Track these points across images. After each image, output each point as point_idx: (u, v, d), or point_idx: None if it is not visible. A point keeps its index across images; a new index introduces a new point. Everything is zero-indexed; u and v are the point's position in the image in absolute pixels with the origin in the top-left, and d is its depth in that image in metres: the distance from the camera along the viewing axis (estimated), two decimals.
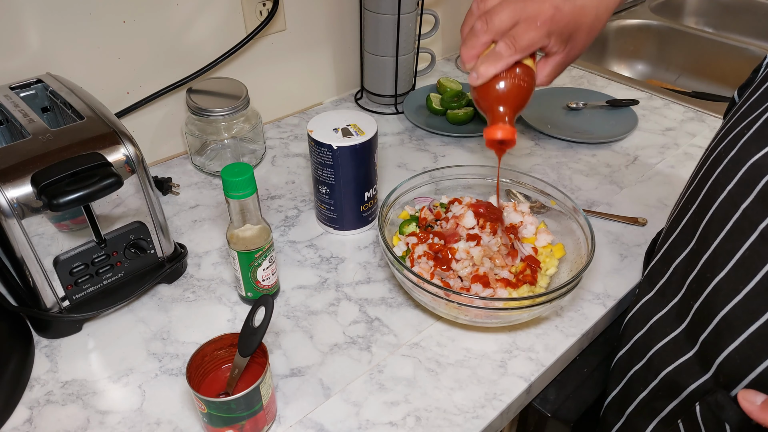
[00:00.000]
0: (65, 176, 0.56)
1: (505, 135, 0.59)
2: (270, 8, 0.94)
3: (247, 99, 0.87)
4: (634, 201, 0.87)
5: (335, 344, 0.65)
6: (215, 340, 0.55)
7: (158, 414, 0.58)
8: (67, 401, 0.59)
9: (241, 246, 0.64)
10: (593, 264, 0.74)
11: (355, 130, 0.73)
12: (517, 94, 0.59)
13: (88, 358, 0.64)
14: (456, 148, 0.99)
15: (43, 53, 0.77)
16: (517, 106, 0.60)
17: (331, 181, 0.74)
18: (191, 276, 0.74)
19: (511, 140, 0.60)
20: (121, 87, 0.86)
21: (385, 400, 0.60)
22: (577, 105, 1.07)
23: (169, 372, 0.62)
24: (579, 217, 0.71)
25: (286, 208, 0.85)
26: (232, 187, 0.60)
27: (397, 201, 0.75)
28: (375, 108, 1.10)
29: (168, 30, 0.86)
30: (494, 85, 0.59)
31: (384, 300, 0.71)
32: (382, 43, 1.02)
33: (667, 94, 1.14)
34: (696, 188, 0.57)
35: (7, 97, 0.67)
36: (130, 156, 0.62)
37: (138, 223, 0.66)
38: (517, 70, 0.59)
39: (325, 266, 0.75)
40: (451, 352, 0.65)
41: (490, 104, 0.60)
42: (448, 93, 1.05)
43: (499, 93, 0.59)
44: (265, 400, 0.54)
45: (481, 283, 0.65)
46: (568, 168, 0.94)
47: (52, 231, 0.60)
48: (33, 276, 0.61)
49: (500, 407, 0.59)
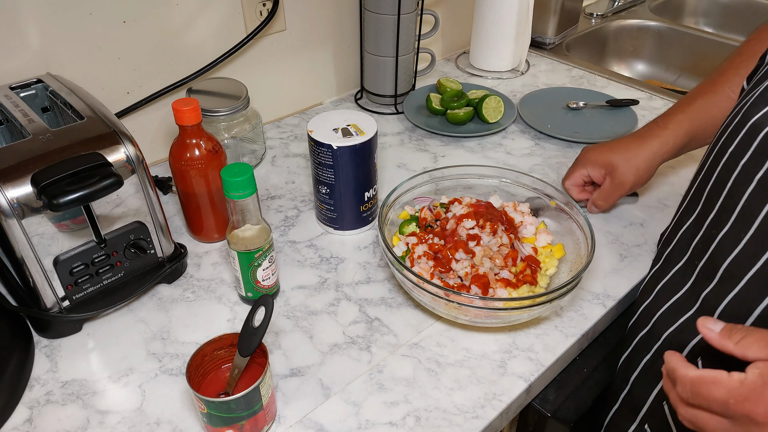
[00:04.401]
0: (65, 176, 0.56)
1: None
2: (270, 8, 0.94)
3: (247, 99, 0.87)
4: (634, 201, 0.86)
5: (335, 344, 0.65)
6: (215, 340, 0.55)
7: (158, 414, 0.58)
8: (67, 401, 0.59)
9: (241, 246, 0.64)
10: (593, 264, 0.74)
11: (355, 130, 0.73)
12: None
13: (88, 358, 0.64)
14: (456, 148, 0.99)
15: (43, 53, 0.77)
16: None
17: (331, 181, 0.74)
18: (191, 276, 0.74)
19: None
20: (121, 87, 0.86)
21: (384, 400, 0.60)
22: (577, 105, 1.07)
23: (169, 372, 0.62)
24: (579, 218, 0.71)
25: (286, 208, 0.85)
26: (232, 187, 0.60)
27: (397, 201, 0.75)
28: (375, 108, 1.10)
29: (168, 30, 0.86)
30: None
31: (384, 300, 0.71)
32: (382, 43, 1.02)
33: (667, 94, 1.14)
34: (703, 162, 0.61)
35: (7, 97, 0.67)
36: (130, 156, 0.62)
37: (138, 223, 0.66)
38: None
39: (325, 266, 0.75)
40: (451, 352, 0.65)
41: None
42: (448, 93, 1.05)
43: None
44: (265, 400, 0.54)
45: (481, 284, 0.65)
46: (568, 168, 0.93)
47: (52, 231, 0.60)
48: (33, 276, 0.61)
49: (500, 407, 0.59)
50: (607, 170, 0.78)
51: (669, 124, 0.76)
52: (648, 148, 0.76)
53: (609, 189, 0.79)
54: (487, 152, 0.97)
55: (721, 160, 0.56)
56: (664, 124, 0.76)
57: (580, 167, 0.81)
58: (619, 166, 0.77)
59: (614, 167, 0.77)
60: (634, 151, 0.77)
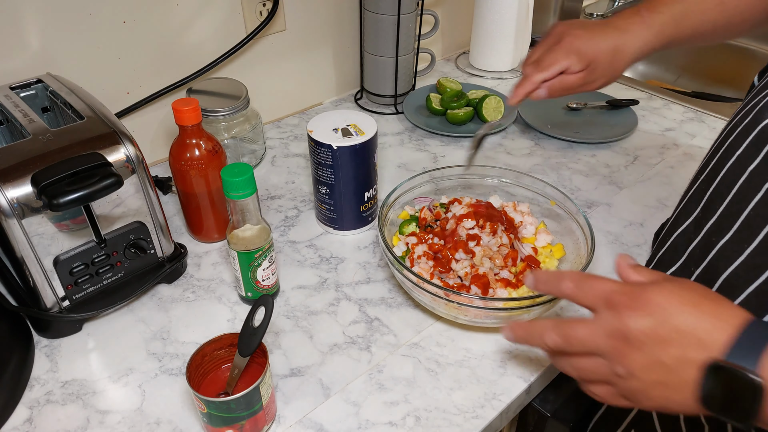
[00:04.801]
0: (65, 176, 0.56)
1: None
2: (270, 8, 0.94)
3: (247, 99, 0.87)
4: (634, 201, 0.87)
5: (335, 344, 0.65)
6: (215, 340, 0.55)
7: (158, 414, 0.58)
8: (67, 401, 0.59)
9: (241, 246, 0.64)
10: (593, 264, 0.74)
11: (355, 130, 0.73)
12: None
13: (88, 358, 0.64)
14: (456, 148, 0.99)
15: (43, 53, 0.77)
16: None
17: (331, 181, 0.74)
18: (191, 276, 0.74)
19: None
20: (121, 87, 0.86)
21: (384, 400, 0.60)
22: (577, 105, 1.07)
23: (169, 372, 0.62)
24: (579, 218, 0.71)
25: (286, 208, 0.85)
26: (232, 187, 0.60)
27: (397, 201, 0.75)
28: (375, 108, 1.10)
29: (168, 30, 0.86)
30: None
31: (384, 300, 0.71)
32: (382, 43, 1.02)
33: (667, 94, 1.14)
34: (706, 162, 0.57)
35: (7, 97, 0.67)
36: (130, 156, 0.62)
37: (138, 223, 0.66)
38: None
39: (324, 266, 0.75)
40: (451, 352, 0.65)
41: None
42: (448, 93, 1.05)
43: None
44: (264, 400, 0.54)
45: (481, 284, 0.65)
46: (567, 168, 0.94)
47: (52, 231, 0.60)
48: (33, 276, 0.61)
49: (500, 407, 0.59)
50: (590, 65, 0.69)
51: (654, 20, 0.68)
52: (631, 47, 0.68)
53: (578, 84, 0.71)
54: (487, 152, 0.97)
55: (727, 163, 0.52)
56: (650, 19, 0.69)
57: (564, 56, 0.70)
58: (602, 64, 0.69)
59: (597, 64, 0.69)
60: (618, 50, 0.69)
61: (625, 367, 0.44)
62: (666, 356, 0.42)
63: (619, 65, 0.69)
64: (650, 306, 0.43)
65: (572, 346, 0.47)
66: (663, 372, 0.42)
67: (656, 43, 0.69)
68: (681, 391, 0.42)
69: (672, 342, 0.42)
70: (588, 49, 0.69)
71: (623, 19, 0.70)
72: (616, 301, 0.44)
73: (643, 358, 0.43)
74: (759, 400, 0.38)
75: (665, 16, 0.68)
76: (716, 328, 0.41)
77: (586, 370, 0.48)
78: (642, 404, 0.45)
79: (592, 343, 0.46)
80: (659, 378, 0.43)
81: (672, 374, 0.42)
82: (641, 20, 0.69)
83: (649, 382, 0.43)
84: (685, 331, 0.41)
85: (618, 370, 0.44)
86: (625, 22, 0.69)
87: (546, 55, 0.71)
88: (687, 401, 0.42)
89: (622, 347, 0.44)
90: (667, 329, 0.42)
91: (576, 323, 0.47)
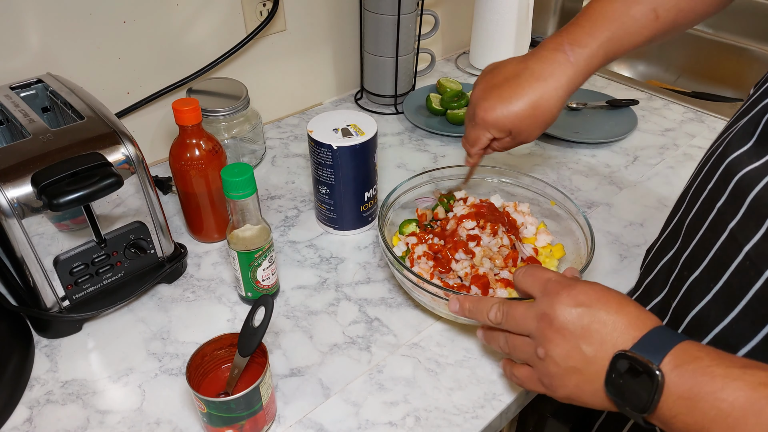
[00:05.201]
0: (65, 176, 0.56)
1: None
2: (270, 8, 0.94)
3: (247, 99, 0.87)
4: (634, 201, 0.87)
5: (335, 344, 0.65)
6: (215, 340, 0.55)
7: (158, 414, 0.58)
8: (67, 401, 0.59)
9: (241, 246, 0.64)
10: (593, 264, 0.74)
11: (355, 130, 0.73)
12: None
13: (88, 358, 0.64)
14: (456, 148, 0.99)
15: (43, 53, 0.77)
16: None
17: (331, 181, 0.74)
18: (191, 276, 0.74)
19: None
20: (121, 87, 0.86)
21: (384, 400, 0.60)
22: (577, 105, 1.07)
23: (169, 372, 0.62)
24: (579, 218, 0.71)
25: (286, 208, 0.85)
26: (232, 187, 0.60)
27: (397, 201, 0.75)
28: (375, 108, 1.10)
29: (168, 30, 0.86)
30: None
31: (384, 300, 0.71)
32: (382, 43, 1.02)
33: (667, 95, 1.14)
34: (687, 188, 0.58)
35: (7, 97, 0.67)
36: (131, 156, 0.62)
37: (138, 223, 0.66)
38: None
39: (324, 266, 0.76)
40: (451, 352, 0.65)
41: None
42: (448, 93, 1.05)
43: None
44: (264, 400, 0.54)
45: (481, 284, 0.65)
46: (567, 168, 0.94)
47: (52, 231, 0.60)
48: (33, 276, 0.61)
49: (500, 407, 0.59)
50: (514, 130, 0.66)
51: (579, 56, 0.62)
52: (553, 95, 0.63)
53: (511, 146, 0.70)
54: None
55: (701, 196, 0.53)
56: (573, 56, 0.62)
57: (483, 132, 0.68)
58: (524, 125, 0.65)
59: (519, 128, 0.65)
60: (538, 105, 0.63)
61: (546, 350, 0.47)
62: (586, 347, 0.45)
63: (546, 116, 0.65)
64: (579, 297, 0.47)
65: (508, 323, 0.52)
66: (580, 360, 0.45)
67: (584, 77, 0.64)
68: (593, 381, 0.45)
69: (592, 333, 0.45)
70: (502, 118, 0.65)
71: (541, 62, 0.63)
72: (550, 289, 0.49)
73: (564, 344, 0.46)
74: (657, 392, 0.40)
75: (591, 49, 0.62)
76: (632, 327, 0.44)
77: (515, 347, 0.52)
78: (556, 391, 0.48)
79: (523, 323, 0.50)
80: (575, 365, 0.46)
81: (588, 364, 0.45)
82: (564, 58, 0.62)
83: (566, 368, 0.46)
84: (606, 324, 0.45)
85: (539, 352, 0.48)
86: (542, 66, 0.63)
87: (470, 131, 0.70)
88: (598, 392, 0.45)
89: (548, 331, 0.47)
90: (589, 320, 0.45)
91: (517, 303, 0.52)
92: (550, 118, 0.65)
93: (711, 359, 0.40)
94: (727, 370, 0.39)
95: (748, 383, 0.38)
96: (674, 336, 0.43)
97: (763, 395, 0.37)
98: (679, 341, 0.42)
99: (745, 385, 0.38)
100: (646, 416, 0.42)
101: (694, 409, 0.39)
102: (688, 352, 0.41)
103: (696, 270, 0.51)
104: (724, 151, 0.51)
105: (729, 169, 0.49)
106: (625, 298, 0.47)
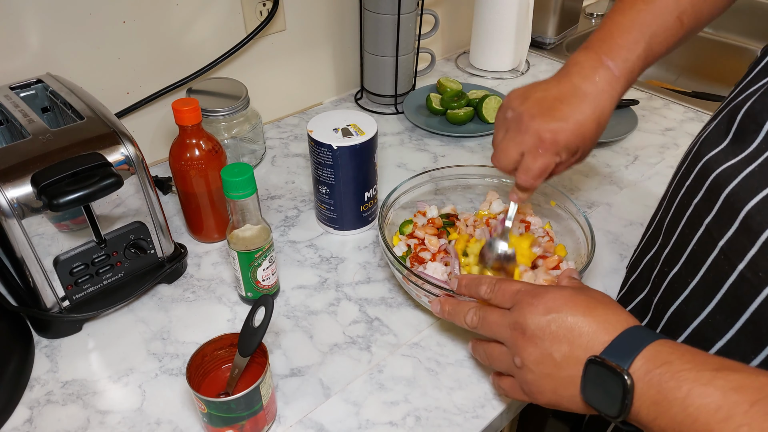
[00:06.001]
0: (65, 176, 0.56)
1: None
2: (270, 8, 0.94)
3: (247, 99, 0.87)
4: (634, 201, 0.87)
5: (335, 344, 0.65)
6: (215, 340, 0.55)
7: (158, 414, 0.58)
8: (67, 401, 0.59)
9: (241, 246, 0.64)
10: (593, 264, 0.74)
11: (355, 130, 0.73)
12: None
13: (88, 358, 0.64)
14: (456, 148, 0.99)
15: (43, 53, 0.77)
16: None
17: (331, 181, 0.74)
18: (191, 276, 0.74)
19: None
20: (121, 87, 0.86)
21: (384, 400, 0.60)
22: None
23: (169, 372, 0.62)
24: (579, 217, 0.71)
25: (286, 208, 0.85)
26: (232, 187, 0.60)
27: (397, 201, 0.75)
28: (375, 108, 1.10)
29: (168, 30, 0.86)
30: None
31: (384, 300, 0.71)
32: (382, 43, 1.02)
33: (667, 94, 1.14)
34: (668, 187, 0.59)
35: (7, 97, 0.67)
36: (130, 156, 0.62)
37: (138, 223, 0.66)
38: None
39: (325, 266, 0.75)
40: (451, 351, 0.65)
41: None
42: (448, 93, 1.05)
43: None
44: (265, 400, 0.54)
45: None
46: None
47: (52, 231, 0.60)
48: (33, 276, 0.61)
49: (500, 407, 0.59)
50: (582, 147, 0.61)
51: (622, 69, 0.60)
52: (608, 109, 0.60)
53: (571, 165, 0.63)
54: (487, 152, 0.97)
55: (679, 193, 0.54)
56: (617, 70, 0.60)
57: (552, 155, 0.60)
58: (591, 141, 0.61)
59: (587, 145, 0.61)
60: (600, 121, 0.60)
61: (521, 358, 0.49)
62: (556, 351, 0.46)
63: (603, 129, 0.61)
64: (549, 304, 0.48)
65: (483, 329, 0.53)
66: (552, 366, 0.47)
67: (627, 89, 0.62)
68: (568, 386, 0.46)
69: (562, 339, 0.46)
70: (573, 137, 0.59)
71: (587, 80, 0.60)
72: (520, 299, 0.50)
73: (536, 352, 0.47)
74: (628, 396, 0.41)
75: (631, 62, 0.60)
76: (601, 331, 0.45)
77: (494, 357, 0.53)
78: (537, 397, 0.49)
79: (498, 330, 0.52)
80: (549, 371, 0.47)
81: (560, 369, 0.46)
82: (609, 75, 0.60)
83: (540, 374, 0.48)
84: (575, 330, 0.46)
85: (516, 361, 0.49)
86: (592, 86, 0.59)
87: (533, 163, 0.60)
88: (574, 397, 0.46)
89: (520, 339, 0.49)
90: (558, 327, 0.47)
91: (492, 309, 0.53)
92: (603, 131, 0.62)
93: (683, 362, 0.40)
94: (698, 374, 0.39)
95: (719, 388, 0.38)
96: (646, 337, 0.43)
97: (732, 401, 0.37)
98: (650, 342, 0.42)
99: (715, 390, 0.38)
100: (624, 419, 0.42)
101: (665, 415, 0.40)
102: (659, 354, 0.41)
103: (675, 266, 0.52)
104: (700, 149, 0.52)
105: (705, 167, 0.50)
106: (595, 301, 0.47)
